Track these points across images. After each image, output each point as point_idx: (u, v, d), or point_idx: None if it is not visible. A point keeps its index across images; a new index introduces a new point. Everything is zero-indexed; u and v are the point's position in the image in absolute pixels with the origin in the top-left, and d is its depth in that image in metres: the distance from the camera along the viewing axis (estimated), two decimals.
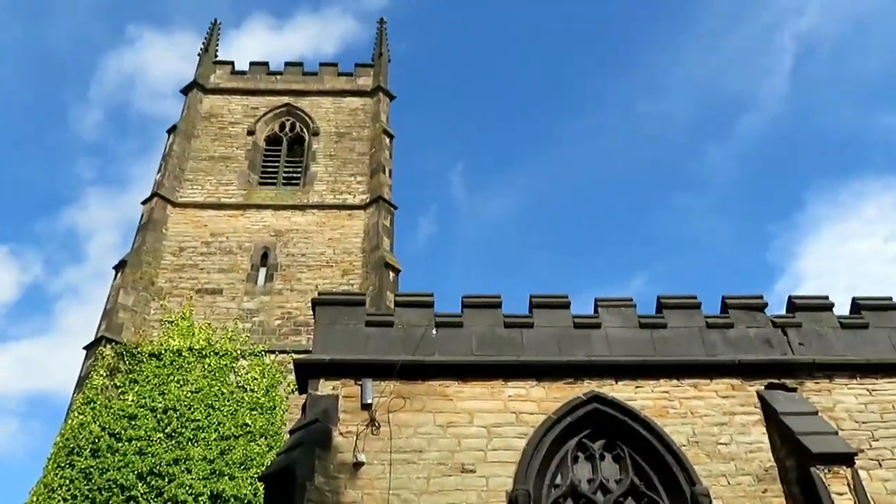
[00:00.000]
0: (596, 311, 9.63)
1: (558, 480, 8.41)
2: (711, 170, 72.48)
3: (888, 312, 9.68)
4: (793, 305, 9.77)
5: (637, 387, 8.88)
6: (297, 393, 10.52)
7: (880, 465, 8.35)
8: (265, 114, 20.84)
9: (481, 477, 8.10)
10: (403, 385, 8.72)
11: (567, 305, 9.53)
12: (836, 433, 8.21)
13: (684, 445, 8.42)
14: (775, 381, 8.95)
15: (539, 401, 8.73)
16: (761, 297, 9.69)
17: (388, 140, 19.98)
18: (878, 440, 8.57)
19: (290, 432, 8.91)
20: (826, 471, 7.66)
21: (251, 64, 22.20)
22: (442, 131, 62.70)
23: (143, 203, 18.14)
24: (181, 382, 14.28)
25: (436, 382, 8.78)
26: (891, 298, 9.79)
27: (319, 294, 10.10)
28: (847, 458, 7.75)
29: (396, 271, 16.66)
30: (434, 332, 9.21)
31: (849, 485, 7.60)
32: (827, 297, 9.78)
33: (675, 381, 8.94)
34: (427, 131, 61.04)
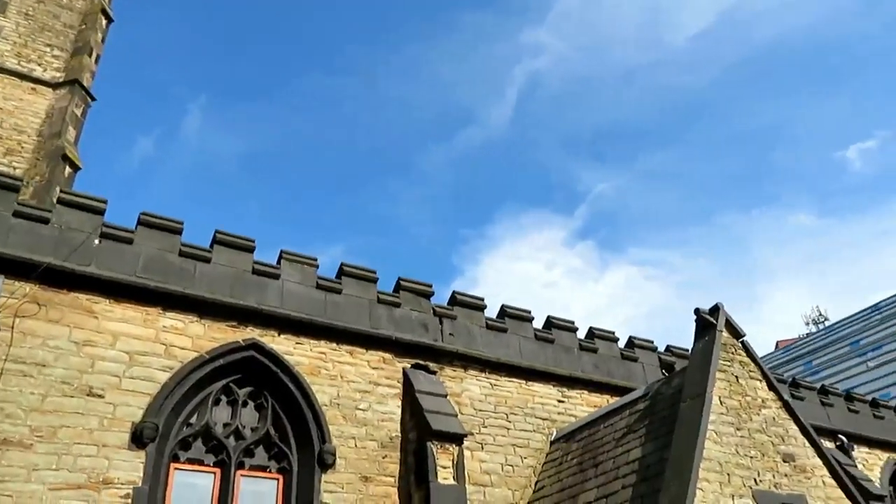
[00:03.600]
0: (279, 262, 9.59)
1: (194, 419, 8.21)
2: (430, 166, 77.07)
3: (524, 323, 11.24)
4: (454, 299, 10.82)
5: (298, 343, 9.05)
6: None
7: (483, 448, 9.67)
8: None
9: (109, 404, 7.54)
10: (43, 291, 7.74)
11: (251, 249, 9.33)
12: (457, 416, 9.28)
13: (326, 405, 8.80)
14: (421, 362, 9.82)
15: (196, 337, 8.41)
16: (430, 286, 10.55)
17: (104, 22, 17.45)
18: (487, 427, 9.91)
19: None
20: (439, 446, 8.61)
21: None
22: (194, 62, 57.52)
23: None
24: None
25: (84, 296, 7.95)
26: (529, 312, 11.39)
27: None
28: (458, 438, 8.80)
29: (75, 168, 14.61)
30: (97, 241, 8.33)
31: (453, 460, 8.64)
32: (482, 299, 11.01)
33: (334, 345, 9.30)
34: (178, 56, 55.44)
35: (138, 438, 7.45)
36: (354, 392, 9.16)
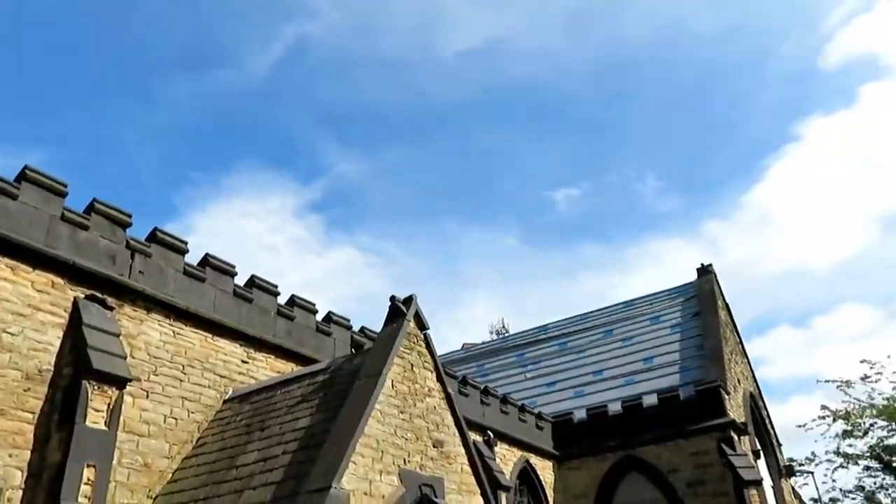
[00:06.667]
0: None
1: None
2: (172, 97, 71.01)
3: (225, 277, 10.82)
4: (154, 236, 9.99)
5: None
6: None
7: (148, 396, 9.07)
8: None
9: None
10: None
11: None
12: (125, 358, 8.55)
13: None
14: (98, 294, 8.89)
15: None
16: (129, 216, 9.60)
17: None
18: (158, 376, 9.32)
19: None
20: (96, 387, 7.87)
21: None
22: None
23: None
24: None
25: None
26: (234, 266, 10.99)
27: None
28: (120, 382, 8.11)
29: None
30: None
31: (109, 405, 7.95)
32: (186, 242, 10.33)
33: None
34: None
35: None
36: (6, 313, 7.96)
